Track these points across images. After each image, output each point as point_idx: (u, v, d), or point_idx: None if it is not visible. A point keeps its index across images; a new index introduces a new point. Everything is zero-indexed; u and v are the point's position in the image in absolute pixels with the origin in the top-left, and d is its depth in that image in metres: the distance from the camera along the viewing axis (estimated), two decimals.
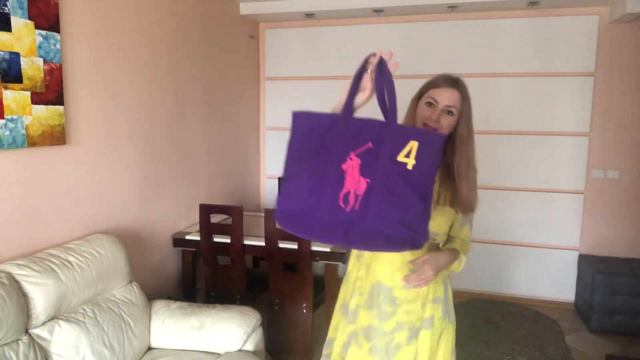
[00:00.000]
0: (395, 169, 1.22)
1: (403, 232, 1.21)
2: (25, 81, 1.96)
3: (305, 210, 1.24)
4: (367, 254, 1.66)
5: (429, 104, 1.53)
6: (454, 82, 1.53)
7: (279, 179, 4.31)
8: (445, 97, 1.51)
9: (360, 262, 1.68)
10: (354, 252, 1.71)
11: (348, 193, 1.22)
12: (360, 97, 1.33)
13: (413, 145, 1.22)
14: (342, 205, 1.22)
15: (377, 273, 1.62)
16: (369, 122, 1.25)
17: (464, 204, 1.56)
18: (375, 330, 1.62)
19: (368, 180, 1.22)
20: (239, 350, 2.16)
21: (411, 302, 1.61)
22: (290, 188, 1.26)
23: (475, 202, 1.57)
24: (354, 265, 1.71)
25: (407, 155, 1.23)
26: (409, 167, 1.22)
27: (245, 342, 2.19)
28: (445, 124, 1.51)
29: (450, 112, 1.51)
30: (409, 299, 1.61)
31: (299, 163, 1.26)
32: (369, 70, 1.32)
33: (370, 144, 1.23)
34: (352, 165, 1.23)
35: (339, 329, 1.72)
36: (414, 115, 1.59)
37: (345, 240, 1.24)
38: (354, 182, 1.22)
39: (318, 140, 1.25)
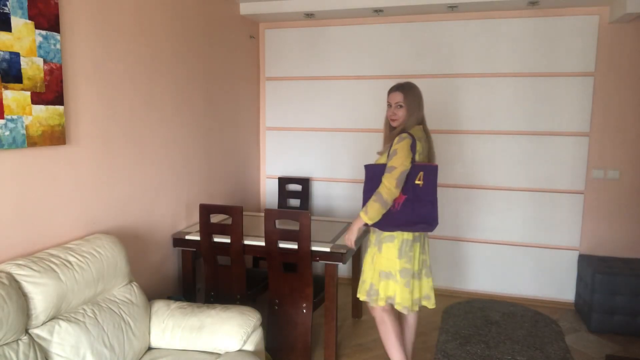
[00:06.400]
0: (415, 187, 2.36)
1: (426, 220, 2.36)
2: (25, 81, 1.96)
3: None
4: None
5: (389, 105, 2.49)
6: (397, 87, 2.46)
7: (279, 178, 4.32)
8: (393, 98, 2.46)
9: None
10: None
11: (394, 200, 2.34)
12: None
13: (421, 173, 2.35)
14: (392, 208, 2.36)
15: None
16: None
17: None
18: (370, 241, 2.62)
19: (405, 196, 2.36)
20: (239, 350, 2.16)
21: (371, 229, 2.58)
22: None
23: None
24: None
25: (420, 179, 2.35)
26: (421, 185, 2.35)
27: (245, 342, 2.19)
28: (400, 113, 2.44)
29: (400, 106, 2.43)
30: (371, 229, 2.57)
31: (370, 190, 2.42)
32: None
33: None
34: None
35: None
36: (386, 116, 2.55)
37: (398, 227, 2.36)
38: (398, 197, 2.35)
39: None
